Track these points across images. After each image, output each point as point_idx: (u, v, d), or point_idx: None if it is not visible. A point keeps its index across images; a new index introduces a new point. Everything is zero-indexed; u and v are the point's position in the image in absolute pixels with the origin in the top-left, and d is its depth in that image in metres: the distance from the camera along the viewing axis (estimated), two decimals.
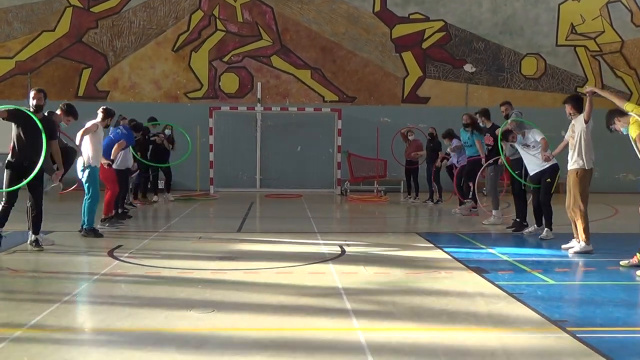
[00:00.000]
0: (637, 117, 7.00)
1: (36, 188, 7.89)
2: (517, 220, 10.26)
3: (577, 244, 8.31)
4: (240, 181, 18.24)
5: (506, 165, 10.19)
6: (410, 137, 15.51)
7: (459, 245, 9.03)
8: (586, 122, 8.11)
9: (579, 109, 8.38)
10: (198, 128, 17.25)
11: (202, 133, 17.46)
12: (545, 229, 9.39)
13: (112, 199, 10.31)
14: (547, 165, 9.27)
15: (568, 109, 8.49)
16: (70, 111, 8.93)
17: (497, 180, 11.36)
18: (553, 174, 9.31)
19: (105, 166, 9.90)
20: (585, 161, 8.17)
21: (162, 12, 18.31)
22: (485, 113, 11.42)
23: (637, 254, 7.15)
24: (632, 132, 7.10)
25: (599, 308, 5.58)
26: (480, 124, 11.54)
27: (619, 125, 7.38)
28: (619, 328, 4.97)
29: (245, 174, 18.37)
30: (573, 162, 8.28)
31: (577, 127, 8.25)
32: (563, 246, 8.52)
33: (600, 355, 4.24)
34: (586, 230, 8.17)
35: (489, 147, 11.13)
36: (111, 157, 10.15)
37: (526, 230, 9.98)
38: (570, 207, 8.39)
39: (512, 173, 10.03)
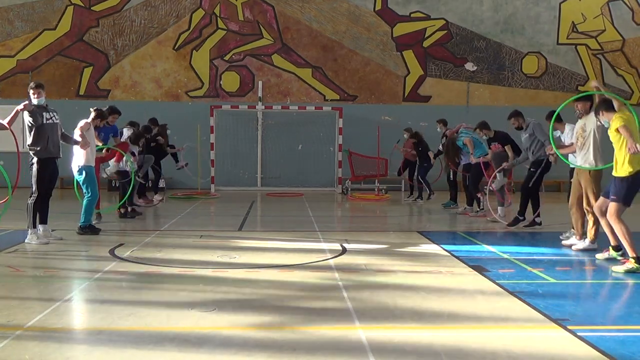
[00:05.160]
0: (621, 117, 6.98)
1: None
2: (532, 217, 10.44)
3: (579, 241, 8.34)
4: (241, 180, 18.24)
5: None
6: (405, 136, 15.57)
7: (460, 243, 9.04)
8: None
9: (559, 121, 8.47)
10: (199, 127, 17.24)
11: (203, 132, 17.45)
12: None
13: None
14: None
15: (579, 107, 8.35)
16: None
17: (505, 180, 11.32)
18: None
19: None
20: (596, 160, 8.07)
21: (163, 10, 18.30)
22: (485, 126, 11.37)
23: (610, 247, 7.39)
24: (615, 124, 7.02)
25: (600, 306, 5.58)
26: (484, 137, 11.46)
27: (602, 117, 7.34)
28: (620, 327, 4.97)
29: (246, 173, 18.38)
30: (584, 162, 8.17)
31: (589, 125, 8.13)
32: (564, 242, 8.58)
33: (601, 353, 4.24)
34: (597, 229, 8.15)
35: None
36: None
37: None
38: (573, 206, 8.43)
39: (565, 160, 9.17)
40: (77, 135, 9.10)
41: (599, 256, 7.62)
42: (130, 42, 18.27)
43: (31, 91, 8.33)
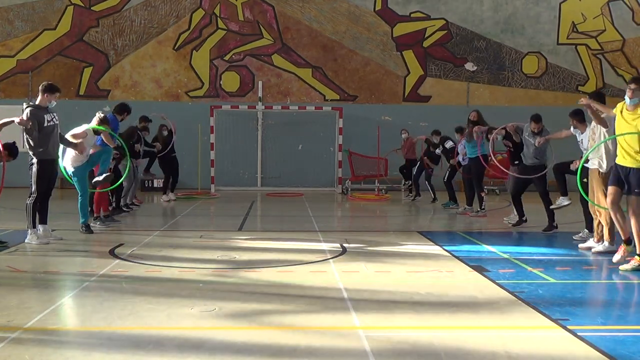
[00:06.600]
0: None
1: None
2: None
3: (596, 244, 8.23)
4: (241, 180, 18.24)
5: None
6: (403, 136, 15.58)
7: (460, 243, 9.03)
8: (606, 128, 7.87)
9: (581, 122, 8.52)
10: (199, 127, 17.25)
11: (204, 132, 17.46)
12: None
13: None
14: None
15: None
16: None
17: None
18: None
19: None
20: (605, 163, 7.97)
21: (163, 10, 18.31)
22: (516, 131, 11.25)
23: (637, 256, 7.04)
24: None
25: (600, 307, 5.58)
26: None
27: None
28: (620, 327, 4.98)
29: (246, 173, 18.38)
30: (596, 163, 8.11)
31: (598, 130, 8.07)
32: (580, 245, 8.46)
33: (601, 353, 4.24)
34: (611, 231, 8.00)
35: (511, 150, 11.10)
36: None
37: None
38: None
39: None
40: (80, 132, 9.10)
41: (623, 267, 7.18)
42: (130, 42, 18.27)
43: (46, 95, 8.31)
